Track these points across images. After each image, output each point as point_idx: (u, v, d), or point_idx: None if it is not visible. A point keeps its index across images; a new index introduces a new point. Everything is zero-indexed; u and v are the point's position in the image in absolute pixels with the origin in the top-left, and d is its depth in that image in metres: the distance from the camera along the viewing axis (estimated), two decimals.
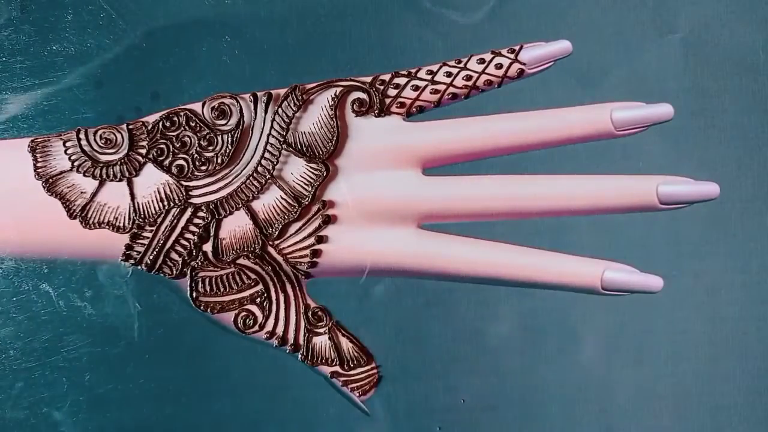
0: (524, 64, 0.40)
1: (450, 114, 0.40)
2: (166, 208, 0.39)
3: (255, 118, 0.39)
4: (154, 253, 0.39)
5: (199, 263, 0.40)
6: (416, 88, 0.40)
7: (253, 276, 0.40)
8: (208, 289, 0.40)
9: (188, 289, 0.40)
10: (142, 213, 0.39)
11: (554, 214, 0.40)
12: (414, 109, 0.40)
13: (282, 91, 0.39)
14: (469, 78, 0.40)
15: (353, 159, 0.40)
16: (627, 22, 0.39)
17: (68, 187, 0.39)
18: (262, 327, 0.40)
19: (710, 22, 0.39)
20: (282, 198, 0.40)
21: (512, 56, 0.40)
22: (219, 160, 0.39)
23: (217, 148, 0.39)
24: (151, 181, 0.39)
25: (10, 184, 0.40)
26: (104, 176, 0.39)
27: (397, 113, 0.40)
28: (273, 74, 0.40)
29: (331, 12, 0.40)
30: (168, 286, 0.40)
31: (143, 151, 0.39)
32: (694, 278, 0.40)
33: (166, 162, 0.39)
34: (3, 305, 0.40)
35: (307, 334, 0.40)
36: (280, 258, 0.40)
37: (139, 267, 0.40)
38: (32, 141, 0.39)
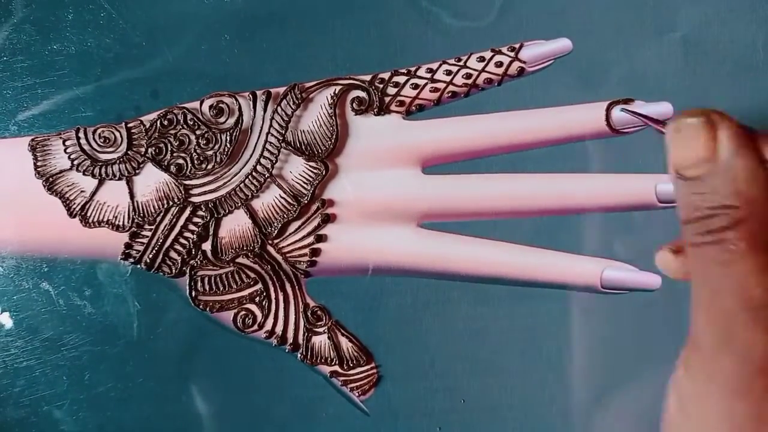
0: (524, 62, 0.40)
1: (450, 112, 0.40)
2: (166, 207, 0.39)
3: (254, 117, 0.39)
4: (154, 251, 0.39)
5: (199, 262, 0.40)
6: (416, 86, 0.40)
7: (252, 275, 0.40)
8: (207, 287, 0.40)
9: (187, 287, 0.40)
10: (141, 212, 0.39)
11: (554, 213, 0.40)
12: (414, 108, 0.40)
13: (281, 90, 0.40)
14: (469, 76, 0.40)
15: (353, 158, 0.40)
16: (627, 20, 0.39)
17: (68, 186, 0.39)
18: (261, 326, 0.40)
19: (710, 21, 0.39)
20: (281, 197, 0.40)
21: (512, 54, 0.40)
22: (218, 159, 0.39)
23: (216, 146, 0.39)
24: (151, 180, 0.39)
25: (11, 183, 0.40)
26: (103, 175, 0.39)
27: (397, 112, 0.40)
28: (272, 73, 0.40)
29: (330, 10, 0.40)
30: (167, 284, 0.40)
31: (141, 150, 0.39)
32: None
33: (165, 161, 0.39)
34: (4, 303, 0.40)
35: (306, 334, 0.40)
36: (279, 257, 0.40)
37: (139, 266, 0.40)
38: (32, 140, 0.40)
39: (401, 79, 0.40)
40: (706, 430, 0.27)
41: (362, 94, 0.40)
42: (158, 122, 0.39)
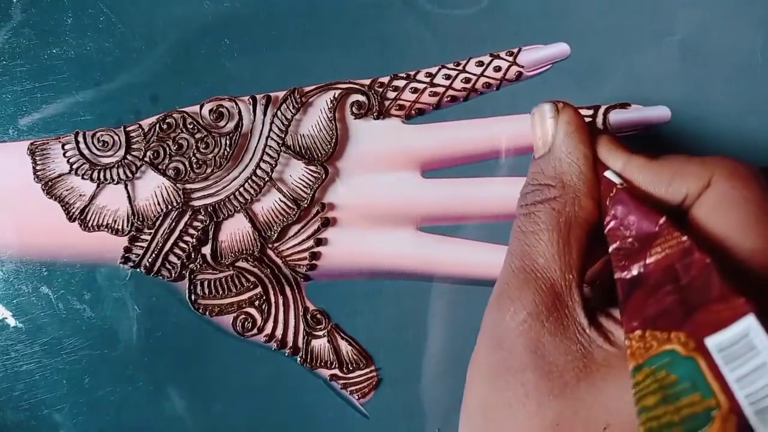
0: (522, 66, 0.40)
1: (449, 116, 0.40)
2: (165, 211, 0.39)
3: (254, 121, 0.39)
4: (153, 255, 0.40)
5: (198, 266, 0.40)
6: (415, 90, 0.40)
7: (252, 279, 0.40)
8: (206, 291, 0.40)
9: (187, 291, 0.40)
10: (140, 216, 0.39)
11: None
12: (413, 112, 0.40)
13: (281, 94, 0.40)
14: (467, 80, 0.40)
15: (352, 161, 0.40)
16: (625, 24, 0.39)
17: (67, 190, 0.39)
18: (261, 330, 0.40)
19: (709, 24, 0.39)
20: (281, 200, 0.40)
21: (511, 59, 0.40)
22: (217, 163, 0.39)
23: (216, 150, 0.39)
24: (150, 184, 0.39)
25: (10, 187, 0.40)
26: (102, 179, 0.39)
27: (396, 116, 0.40)
28: (272, 77, 0.40)
29: (330, 14, 0.40)
30: (167, 288, 0.40)
31: (140, 154, 0.39)
32: None
33: (162, 165, 0.39)
34: (3, 307, 0.40)
35: (306, 337, 0.40)
36: (279, 260, 0.40)
37: (138, 270, 0.40)
38: (31, 144, 0.40)
39: (400, 83, 0.40)
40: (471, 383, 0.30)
41: (362, 98, 0.40)
42: (157, 126, 0.39)
